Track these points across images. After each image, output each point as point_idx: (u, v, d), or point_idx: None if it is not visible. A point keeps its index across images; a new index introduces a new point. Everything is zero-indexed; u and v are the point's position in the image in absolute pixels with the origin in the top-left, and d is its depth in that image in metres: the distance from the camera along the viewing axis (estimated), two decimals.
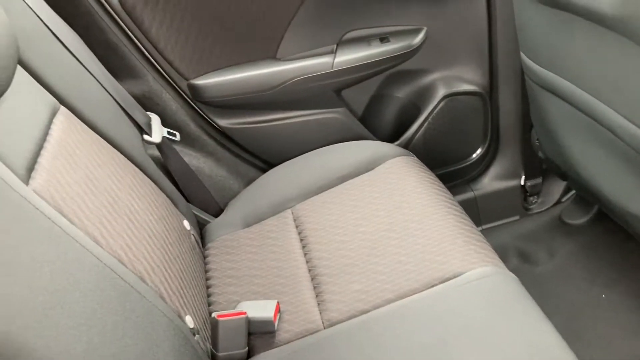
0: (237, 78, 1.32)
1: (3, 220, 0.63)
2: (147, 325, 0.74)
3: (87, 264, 0.71)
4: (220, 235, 1.23)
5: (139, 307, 0.75)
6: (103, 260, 0.75)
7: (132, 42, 1.24)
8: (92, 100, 1.08)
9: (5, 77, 0.81)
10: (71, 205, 0.82)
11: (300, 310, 1.00)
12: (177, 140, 1.30)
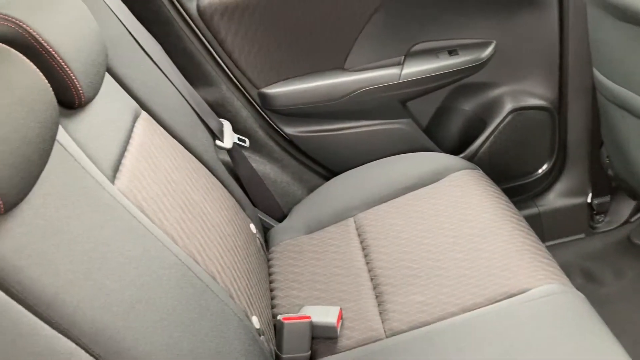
0: (305, 87, 1.36)
1: (97, 217, 0.68)
2: (220, 323, 0.77)
3: (167, 261, 0.75)
4: (283, 240, 1.26)
5: (213, 305, 0.79)
6: (181, 258, 0.79)
7: (208, 51, 1.29)
8: (171, 105, 1.13)
9: (96, 83, 0.87)
10: (151, 205, 0.86)
11: (362, 318, 1.01)
12: (246, 146, 1.34)
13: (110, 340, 0.58)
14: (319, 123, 1.41)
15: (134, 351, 0.60)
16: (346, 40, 1.35)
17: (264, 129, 1.39)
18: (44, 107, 0.63)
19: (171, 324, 0.68)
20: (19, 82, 0.60)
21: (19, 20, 0.73)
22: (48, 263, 0.56)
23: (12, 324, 0.50)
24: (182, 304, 0.72)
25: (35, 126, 0.59)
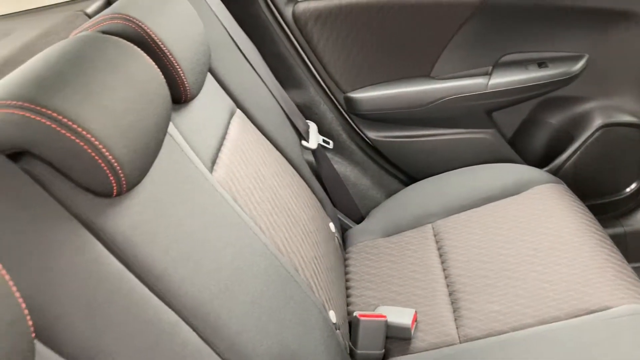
0: (391, 93, 1.38)
1: (199, 203, 0.73)
2: (302, 313, 0.82)
3: (257, 250, 0.80)
4: (361, 241, 1.29)
5: (296, 294, 0.83)
6: (269, 248, 0.84)
7: (299, 55, 1.34)
8: (263, 105, 1.19)
9: (200, 81, 0.93)
10: (243, 197, 0.92)
11: (437, 322, 1.03)
12: (330, 148, 1.38)
13: (207, 316, 0.63)
14: (402, 129, 1.43)
15: (226, 329, 0.65)
16: (434, 49, 1.37)
17: (347, 132, 1.42)
18: (161, 100, 0.69)
19: (260, 307, 0.72)
20: (140, 75, 0.67)
21: (139, 20, 0.80)
22: (158, 241, 0.62)
23: (127, 293, 0.56)
24: (269, 290, 0.76)
25: (153, 116, 0.66)
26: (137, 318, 0.56)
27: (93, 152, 0.54)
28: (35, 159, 0.54)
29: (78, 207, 0.56)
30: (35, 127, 0.52)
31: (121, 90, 0.62)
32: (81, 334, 0.51)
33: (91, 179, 0.55)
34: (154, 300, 0.58)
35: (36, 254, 0.50)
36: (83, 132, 0.54)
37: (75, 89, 0.57)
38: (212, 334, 0.63)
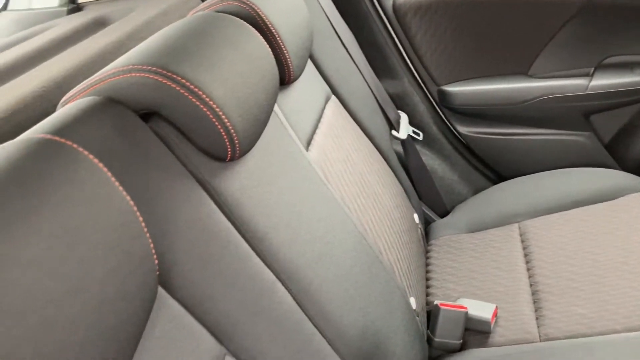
0: (486, 89, 1.37)
1: (297, 177, 0.77)
2: (386, 293, 0.84)
3: (348, 227, 0.83)
4: (444, 235, 1.30)
5: (381, 275, 0.85)
6: (357, 228, 0.87)
7: (396, 46, 1.36)
8: (357, 93, 1.22)
9: (302, 65, 0.97)
10: (334, 178, 0.96)
11: (517, 319, 1.02)
12: (420, 139, 1.39)
13: (301, 281, 0.67)
14: (494, 126, 1.42)
15: (317, 295, 0.69)
16: (534, 47, 1.35)
17: (438, 125, 1.43)
18: (271, 77, 0.73)
19: (347, 281, 0.75)
20: (254, 53, 0.72)
21: (252, 2, 0.85)
22: (262, 206, 0.67)
23: (234, 249, 0.61)
24: (357, 267, 0.79)
25: (264, 92, 0.70)
26: (241, 273, 0.60)
27: (214, 117, 0.59)
28: (162, 120, 0.59)
29: (196, 168, 0.61)
30: (166, 91, 0.57)
31: (238, 65, 0.67)
32: (193, 281, 0.56)
33: (210, 143, 0.60)
34: (255, 259, 0.63)
35: (160, 206, 0.55)
36: (207, 98, 0.58)
37: (199, 60, 0.62)
38: (304, 297, 0.67)
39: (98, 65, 0.80)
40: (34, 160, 0.42)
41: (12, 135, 0.66)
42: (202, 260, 0.57)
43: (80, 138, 0.46)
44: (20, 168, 0.41)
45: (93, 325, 0.38)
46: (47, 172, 0.41)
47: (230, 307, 0.58)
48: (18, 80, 0.76)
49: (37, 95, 0.71)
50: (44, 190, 0.40)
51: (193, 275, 0.56)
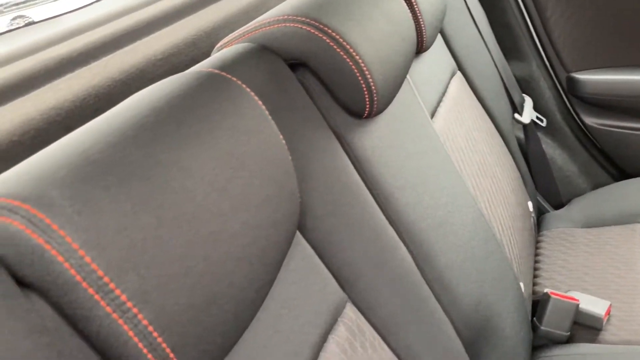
0: (623, 80, 1.29)
1: (423, 144, 0.78)
2: (499, 271, 0.83)
3: (467, 201, 0.83)
4: (557, 227, 1.25)
5: (496, 253, 0.84)
6: (476, 203, 0.86)
7: (527, 27, 1.31)
8: (482, 71, 1.19)
9: (433, 37, 0.97)
10: (455, 152, 0.95)
11: (633, 320, 0.97)
12: (543, 125, 1.34)
13: (422, 244, 0.68)
14: (625, 119, 1.33)
15: (436, 260, 0.69)
16: None
17: (563, 113, 1.37)
18: (410, 42, 0.74)
19: (465, 253, 0.75)
20: (397, 16, 0.72)
21: None
22: (390, 166, 0.68)
23: (362, 203, 0.63)
24: (474, 240, 0.79)
25: (403, 54, 0.71)
26: (367, 226, 0.62)
27: (358, 73, 0.60)
28: (309, 72, 0.61)
29: (334, 121, 0.63)
30: (316, 42, 0.59)
31: (381, 25, 0.68)
32: (323, 225, 0.58)
33: (350, 97, 0.62)
34: (380, 215, 0.64)
35: (299, 152, 0.57)
36: (354, 53, 0.60)
37: (348, 15, 0.63)
38: (423, 260, 0.67)
39: (243, 19, 0.84)
40: (204, 90, 0.45)
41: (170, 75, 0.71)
42: (333, 208, 0.59)
43: (241, 76, 0.49)
44: (192, 96, 0.44)
45: (249, 244, 0.41)
46: (215, 101, 0.45)
47: (354, 256, 0.60)
48: (170, 28, 0.81)
49: (189, 42, 0.75)
50: (213, 118, 0.43)
51: (324, 220, 0.58)
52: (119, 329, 0.32)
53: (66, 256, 0.31)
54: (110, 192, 0.34)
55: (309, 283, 0.54)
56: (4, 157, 0.51)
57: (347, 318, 0.57)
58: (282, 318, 0.50)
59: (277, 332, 0.49)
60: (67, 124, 0.57)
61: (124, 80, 0.65)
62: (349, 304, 0.59)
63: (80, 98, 0.59)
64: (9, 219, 0.31)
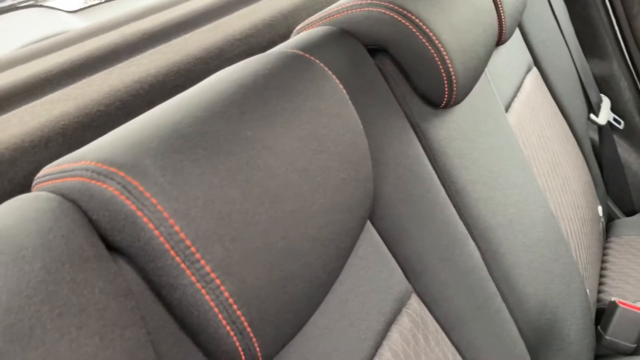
0: None
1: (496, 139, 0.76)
2: (567, 275, 0.80)
3: (538, 200, 0.80)
4: (627, 234, 1.20)
5: (564, 255, 0.81)
6: (547, 203, 0.84)
7: (611, 24, 1.25)
8: (559, 68, 1.15)
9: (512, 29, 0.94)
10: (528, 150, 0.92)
11: None
12: (620, 128, 1.28)
13: (491, 240, 0.66)
14: None
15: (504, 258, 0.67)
16: None
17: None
18: (492, 32, 0.72)
19: (533, 253, 0.73)
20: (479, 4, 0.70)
21: None
22: (463, 159, 0.66)
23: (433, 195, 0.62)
24: (543, 242, 0.76)
25: (484, 45, 0.69)
26: (437, 218, 0.61)
27: (440, 61, 0.59)
28: (388, 58, 0.61)
29: (410, 109, 0.62)
30: (399, 28, 0.59)
31: (464, 13, 0.66)
32: (393, 214, 0.58)
33: (429, 86, 0.61)
34: (451, 208, 0.63)
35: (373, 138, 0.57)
36: (436, 41, 0.59)
37: (432, 2, 0.62)
38: (491, 257, 0.66)
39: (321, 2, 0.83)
40: (289, 70, 0.45)
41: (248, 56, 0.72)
42: (404, 197, 0.58)
43: (322, 59, 0.49)
44: (277, 76, 0.44)
45: (324, 226, 0.41)
46: (299, 82, 0.45)
47: (422, 247, 0.59)
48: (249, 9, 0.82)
49: (267, 23, 0.76)
50: (297, 98, 0.43)
51: (394, 209, 0.58)
52: (201, 299, 0.32)
53: (156, 224, 0.31)
54: (199, 164, 0.34)
55: (376, 271, 0.54)
56: (91, 125, 0.53)
57: (412, 309, 0.57)
58: (348, 303, 0.50)
59: (342, 317, 0.49)
60: (149, 98, 0.58)
61: (203, 59, 0.66)
62: (413, 295, 0.58)
63: (162, 73, 0.61)
64: (104, 184, 0.32)
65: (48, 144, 0.49)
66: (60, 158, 0.37)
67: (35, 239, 0.29)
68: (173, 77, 0.62)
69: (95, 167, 0.32)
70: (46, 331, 0.26)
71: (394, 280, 0.56)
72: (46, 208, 0.31)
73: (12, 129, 0.50)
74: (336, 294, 0.49)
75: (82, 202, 0.32)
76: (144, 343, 0.32)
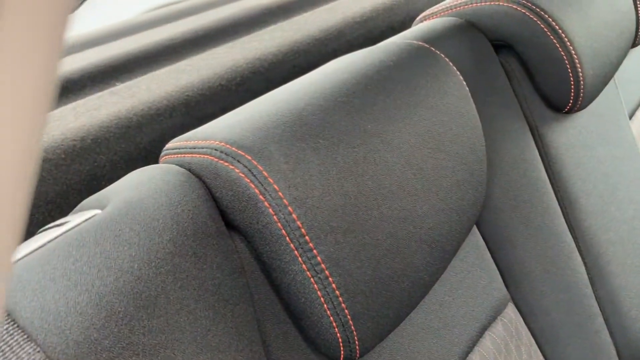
0: None
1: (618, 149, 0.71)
2: None
3: None
4: None
5: None
6: None
7: None
8: None
9: None
10: None
11: None
12: None
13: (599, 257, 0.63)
14: None
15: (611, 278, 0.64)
16: None
17: None
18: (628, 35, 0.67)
19: None
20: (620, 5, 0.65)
21: None
22: (580, 169, 0.63)
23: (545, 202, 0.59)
24: None
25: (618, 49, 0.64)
26: (545, 228, 0.58)
27: (569, 64, 0.56)
28: (512, 56, 0.58)
29: (530, 111, 0.59)
30: (529, 25, 0.56)
31: (603, 13, 0.62)
32: (500, 219, 0.56)
33: (554, 89, 0.58)
34: (561, 219, 0.60)
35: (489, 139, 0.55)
36: (567, 42, 0.56)
37: (567, 1, 0.58)
38: (597, 274, 0.62)
39: None
40: (413, 63, 0.45)
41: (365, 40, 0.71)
42: (514, 203, 0.56)
43: (446, 52, 0.48)
44: (401, 67, 0.44)
45: (432, 228, 0.40)
46: (422, 77, 0.44)
47: (525, 256, 0.57)
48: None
49: (387, 8, 0.75)
50: (419, 93, 0.43)
51: (502, 213, 0.56)
52: (309, 287, 0.33)
53: (276, 210, 0.32)
54: (319, 154, 0.35)
55: (476, 276, 0.53)
56: (212, 99, 0.55)
57: (507, 318, 0.55)
58: (444, 304, 0.49)
59: (438, 317, 0.48)
60: (268, 76, 0.59)
61: (322, 40, 0.66)
62: (510, 304, 0.56)
63: (283, 52, 0.61)
64: (231, 165, 0.33)
65: (172, 113, 0.51)
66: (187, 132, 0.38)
67: (165, 211, 0.30)
68: (292, 57, 0.63)
69: (223, 147, 0.33)
70: (169, 301, 0.28)
71: (493, 286, 0.55)
72: (175, 182, 0.33)
73: (141, 95, 0.52)
74: (435, 294, 0.49)
75: (208, 179, 0.34)
76: (252, 320, 0.33)
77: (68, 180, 0.43)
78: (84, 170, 0.45)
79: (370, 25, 0.72)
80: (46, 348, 0.23)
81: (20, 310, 0.24)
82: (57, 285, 0.25)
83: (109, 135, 0.47)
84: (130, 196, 0.31)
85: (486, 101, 0.56)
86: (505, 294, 0.56)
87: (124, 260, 0.27)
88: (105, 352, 0.25)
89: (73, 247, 0.27)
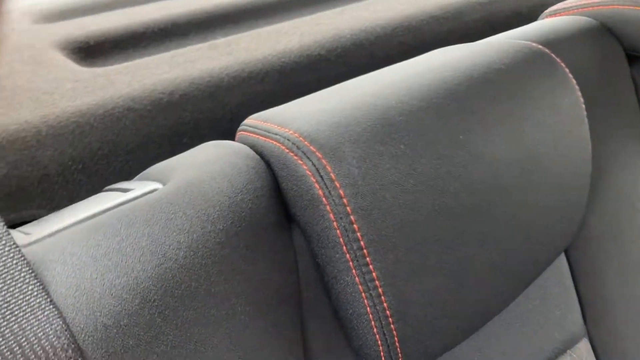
0: None
1: None
2: None
3: None
4: None
5: None
6: None
7: None
8: None
9: None
10: None
11: None
12: None
13: None
14: None
15: None
16: None
17: None
18: None
19: None
20: None
21: None
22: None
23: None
24: None
25: None
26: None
27: None
28: None
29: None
30: None
31: None
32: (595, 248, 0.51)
33: None
34: None
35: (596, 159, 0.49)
36: None
37: None
38: None
39: None
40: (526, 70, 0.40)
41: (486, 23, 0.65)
42: (612, 233, 0.51)
43: (571, 57, 0.43)
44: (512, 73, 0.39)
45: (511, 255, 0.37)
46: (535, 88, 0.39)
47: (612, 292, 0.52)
48: None
49: None
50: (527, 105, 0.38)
51: (595, 243, 0.51)
52: (360, 301, 0.31)
53: (337, 216, 0.30)
54: (398, 161, 0.32)
55: (552, 304, 0.48)
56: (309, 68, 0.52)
57: (577, 354, 0.51)
58: (510, 329, 0.46)
59: (499, 342, 0.45)
60: (372, 51, 0.56)
61: (438, 18, 0.62)
62: (584, 340, 0.52)
63: (392, 26, 0.58)
64: (300, 160, 0.31)
65: (265, 78, 0.50)
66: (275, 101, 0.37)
67: (224, 198, 0.29)
68: (401, 33, 0.59)
69: (296, 139, 0.32)
70: (209, 295, 0.27)
71: (569, 319, 0.50)
72: (242, 166, 0.31)
73: (238, 54, 0.51)
74: (501, 316, 0.45)
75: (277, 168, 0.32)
76: (294, 320, 0.32)
77: (150, 133, 0.44)
78: (167, 124, 0.45)
79: (494, 9, 0.66)
80: (74, 327, 0.23)
81: (57, 284, 0.24)
82: (97, 264, 0.25)
83: (197, 92, 0.47)
84: (192, 176, 0.30)
85: (605, 119, 0.50)
86: (581, 328, 0.52)
87: (169, 247, 0.26)
88: (132, 339, 0.25)
89: (123, 224, 0.27)
